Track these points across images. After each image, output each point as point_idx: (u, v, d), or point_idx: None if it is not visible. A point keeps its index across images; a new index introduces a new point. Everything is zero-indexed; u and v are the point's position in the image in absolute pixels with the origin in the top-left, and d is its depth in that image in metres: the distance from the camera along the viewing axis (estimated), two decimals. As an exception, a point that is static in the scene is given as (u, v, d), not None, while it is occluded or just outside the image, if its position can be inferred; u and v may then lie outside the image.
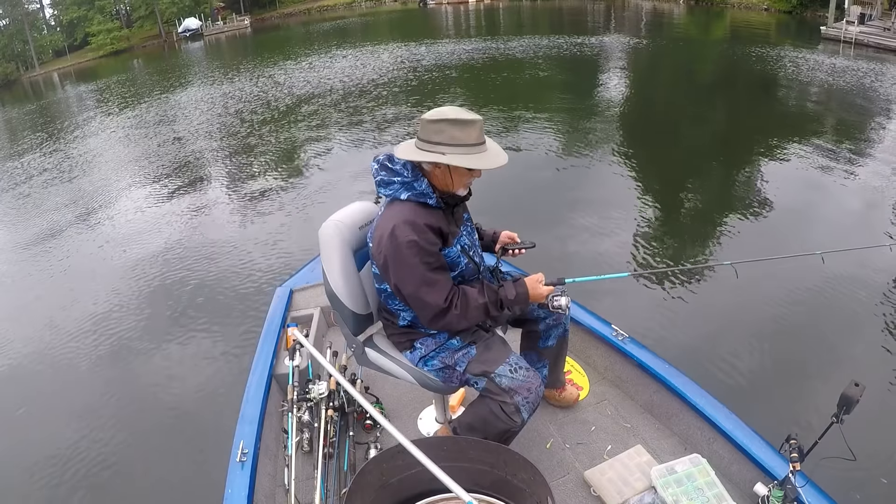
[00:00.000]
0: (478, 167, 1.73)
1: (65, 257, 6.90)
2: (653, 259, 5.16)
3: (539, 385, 1.86)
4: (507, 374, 1.84)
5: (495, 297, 1.84)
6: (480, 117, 1.75)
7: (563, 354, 2.35)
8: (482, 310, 1.82)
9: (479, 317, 1.83)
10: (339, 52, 22.01)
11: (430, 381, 1.99)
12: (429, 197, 1.78)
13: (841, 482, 2.02)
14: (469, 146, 1.72)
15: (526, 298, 1.87)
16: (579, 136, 9.35)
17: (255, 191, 8.16)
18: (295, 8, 50.59)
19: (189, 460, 3.34)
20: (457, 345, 1.94)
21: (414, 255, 1.73)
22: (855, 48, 16.21)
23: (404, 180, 1.78)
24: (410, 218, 1.74)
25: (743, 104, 11.15)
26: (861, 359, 3.65)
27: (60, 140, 14.18)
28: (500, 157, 1.77)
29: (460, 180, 1.79)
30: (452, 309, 1.78)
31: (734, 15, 26.16)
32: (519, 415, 1.81)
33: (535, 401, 1.84)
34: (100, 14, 44.49)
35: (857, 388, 1.63)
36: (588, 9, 33.14)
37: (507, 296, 1.85)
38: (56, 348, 4.79)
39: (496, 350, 1.91)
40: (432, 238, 1.76)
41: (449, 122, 1.70)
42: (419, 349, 1.98)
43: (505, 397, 1.82)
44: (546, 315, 2.18)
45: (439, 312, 1.78)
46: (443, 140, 1.71)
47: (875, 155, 7.71)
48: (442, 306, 1.77)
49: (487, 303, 1.82)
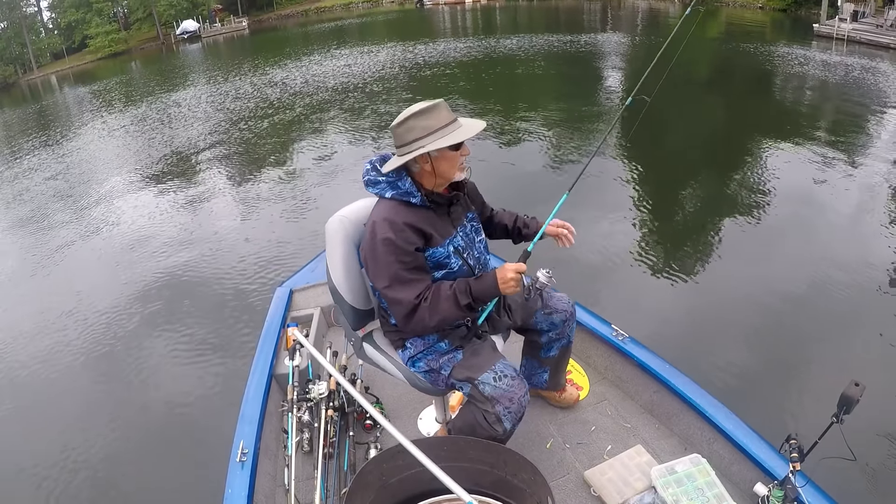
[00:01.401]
0: (459, 140, 1.73)
1: (64, 257, 6.89)
2: (651, 258, 5.17)
3: (523, 395, 1.81)
4: (491, 382, 1.80)
5: (465, 286, 1.77)
6: (441, 99, 1.77)
7: (564, 362, 2.34)
8: (452, 300, 1.75)
9: (450, 308, 1.75)
10: (337, 53, 22.04)
11: (419, 381, 1.99)
12: (412, 196, 1.78)
13: (841, 482, 2.02)
14: (443, 128, 1.73)
15: (494, 282, 1.76)
16: (575, 133, 9.36)
17: (255, 191, 8.16)
18: (292, 9, 50.59)
19: (189, 460, 3.33)
20: (444, 348, 1.93)
21: (389, 252, 1.73)
22: (847, 45, 16.30)
23: (388, 180, 1.80)
24: (391, 216, 1.75)
25: (732, 99, 11.23)
26: (861, 359, 3.64)
27: (58, 142, 14.15)
28: (477, 125, 1.78)
29: (450, 164, 1.79)
30: (422, 303, 1.75)
31: (729, 13, 26.22)
32: (500, 424, 1.78)
33: (517, 411, 1.79)
34: (98, 17, 44.40)
35: (857, 388, 1.63)
36: (584, 8, 33.19)
37: (473, 283, 1.77)
38: (56, 348, 4.79)
39: (483, 356, 1.88)
40: (410, 237, 1.74)
41: (415, 116, 1.73)
42: (409, 349, 1.98)
43: (487, 405, 1.79)
44: (549, 328, 2.16)
45: (410, 310, 1.75)
46: (417, 135, 1.73)
47: (868, 151, 7.76)
48: (413, 303, 1.75)
49: (456, 291, 1.76)
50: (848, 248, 5.03)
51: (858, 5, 18.70)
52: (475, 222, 2.00)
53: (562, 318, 2.16)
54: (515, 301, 2.12)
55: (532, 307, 2.13)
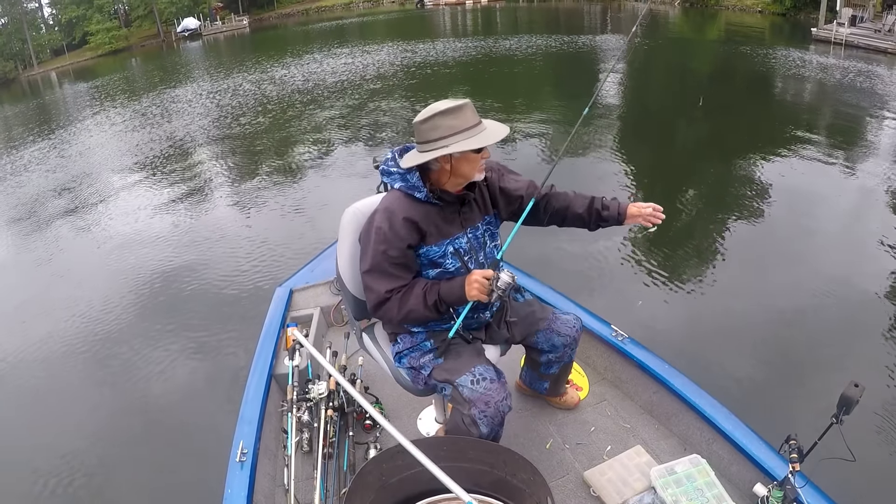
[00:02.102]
0: (483, 144, 1.72)
1: (63, 257, 6.89)
2: (651, 259, 5.16)
3: (501, 400, 1.78)
4: (468, 385, 1.79)
5: (436, 286, 1.77)
6: (468, 99, 1.75)
7: (565, 376, 2.33)
8: (420, 297, 1.77)
9: (417, 305, 1.76)
10: (337, 51, 22.03)
11: (402, 378, 2.00)
12: (417, 190, 1.78)
13: (841, 482, 2.02)
14: (468, 129, 1.72)
15: (461, 285, 1.75)
16: (565, 130, 9.38)
17: (255, 189, 8.15)
18: (293, 8, 50.54)
19: (188, 460, 3.33)
20: (428, 347, 1.93)
21: (379, 242, 1.75)
22: (845, 49, 16.32)
23: (399, 171, 1.81)
24: (393, 207, 1.77)
25: (729, 102, 11.23)
26: (861, 359, 3.65)
27: (57, 138, 14.14)
28: (502, 130, 1.78)
29: (471, 166, 1.78)
30: (393, 295, 1.78)
31: (728, 17, 26.23)
32: (476, 427, 1.76)
33: (493, 415, 1.76)
34: (98, 13, 44.42)
35: (857, 389, 1.63)
36: (584, 10, 33.18)
37: (443, 283, 1.78)
38: (55, 348, 4.78)
39: (464, 359, 1.86)
40: (403, 234, 1.75)
41: (441, 115, 1.71)
42: (399, 344, 1.98)
43: (464, 408, 1.78)
44: (550, 349, 2.13)
45: (381, 300, 1.79)
46: (442, 134, 1.71)
47: (865, 155, 7.76)
48: (384, 296, 1.78)
49: (426, 290, 1.77)
50: (847, 249, 5.05)
51: (857, 10, 18.72)
52: (492, 226, 1.97)
53: (563, 341, 2.11)
54: (518, 315, 2.09)
55: (535, 324, 2.08)
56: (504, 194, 1.98)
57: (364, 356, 2.47)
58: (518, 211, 1.97)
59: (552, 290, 2.77)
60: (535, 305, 2.13)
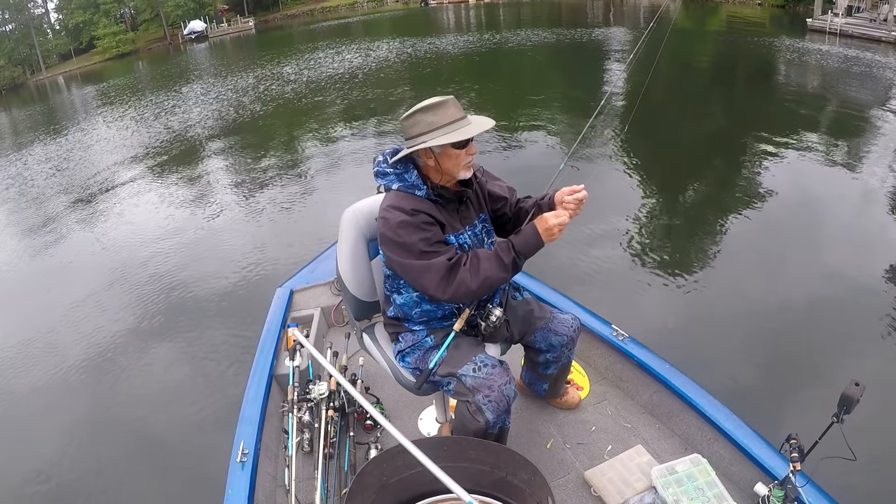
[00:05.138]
0: (460, 138, 1.72)
1: (64, 256, 6.97)
2: (652, 258, 5.14)
3: (505, 384, 1.79)
4: (471, 374, 1.81)
5: (505, 244, 1.75)
6: (451, 96, 1.76)
7: (563, 377, 2.33)
8: (494, 258, 1.73)
9: (493, 267, 1.72)
10: (343, 50, 22.07)
11: (403, 378, 2.00)
12: (417, 188, 1.79)
13: (841, 482, 2.01)
14: (448, 124, 1.73)
15: (535, 232, 1.73)
16: (574, 128, 9.34)
17: (257, 190, 8.18)
18: (298, 9, 50.65)
19: (189, 460, 3.35)
20: (430, 343, 1.94)
21: (410, 233, 1.73)
22: (840, 39, 16.29)
23: (396, 172, 1.82)
24: (398, 204, 1.77)
25: (727, 95, 11.22)
26: (861, 359, 3.61)
27: (63, 140, 14.27)
28: (482, 123, 1.77)
29: (454, 163, 1.78)
30: (461, 265, 1.71)
31: (729, 9, 26.11)
32: (482, 415, 1.77)
33: (497, 399, 1.77)
34: (105, 18, 44.66)
35: (857, 388, 1.62)
36: (587, 5, 33.08)
37: (513, 238, 1.75)
38: (55, 347, 4.82)
39: (464, 350, 1.88)
40: (423, 217, 1.75)
41: (422, 111, 1.74)
42: (401, 343, 1.99)
43: (469, 396, 1.80)
44: (547, 349, 2.13)
45: (446, 272, 1.70)
46: (422, 130, 1.74)
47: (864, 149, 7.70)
48: (447, 264, 1.70)
49: (498, 250, 1.73)
50: (848, 248, 4.98)
51: (854, 0, 18.63)
52: (487, 224, 1.99)
53: (561, 340, 2.11)
54: (515, 314, 2.08)
55: (532, 323, 2.09)
56: (491, 197, 2.01)
57: (364, 356, 2.48)
58: (499, 214, 2.02)
59: (552, 290, 2.77)
60: (534, 304, 2.14)
